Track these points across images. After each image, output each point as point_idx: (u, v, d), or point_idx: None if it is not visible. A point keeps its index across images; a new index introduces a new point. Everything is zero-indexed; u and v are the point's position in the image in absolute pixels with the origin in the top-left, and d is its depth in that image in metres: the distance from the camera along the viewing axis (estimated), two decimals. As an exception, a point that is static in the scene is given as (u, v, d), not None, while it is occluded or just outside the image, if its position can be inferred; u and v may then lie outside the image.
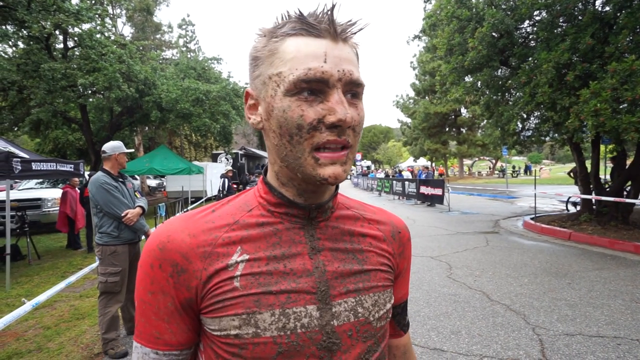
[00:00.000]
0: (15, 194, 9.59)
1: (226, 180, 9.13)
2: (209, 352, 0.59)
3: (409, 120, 41.02)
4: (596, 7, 7.14)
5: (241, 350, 0.55)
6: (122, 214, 3.28)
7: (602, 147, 9.06)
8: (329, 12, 0.55)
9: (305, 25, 0.55)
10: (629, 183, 8.23)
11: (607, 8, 6.87)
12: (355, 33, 0.58)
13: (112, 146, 3.45)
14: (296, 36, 0.55)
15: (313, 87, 0.54)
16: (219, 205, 0.65)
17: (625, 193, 8.36)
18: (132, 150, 5.14)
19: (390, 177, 26.98)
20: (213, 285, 0.57)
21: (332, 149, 0.55)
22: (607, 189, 8.46)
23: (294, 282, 0.58)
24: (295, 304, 0.57)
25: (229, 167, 10.06)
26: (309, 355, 0.56)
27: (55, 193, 10.03)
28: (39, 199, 9.81)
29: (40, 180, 11.24)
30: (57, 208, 8.89)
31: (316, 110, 0.54)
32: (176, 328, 0.58)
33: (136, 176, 12.42)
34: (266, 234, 0.60)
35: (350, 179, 39.48)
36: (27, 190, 10.75)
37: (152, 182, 26.77)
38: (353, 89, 0.56)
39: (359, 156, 48.10)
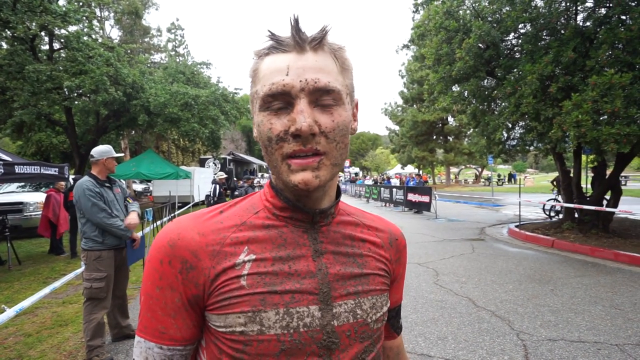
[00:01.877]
0: (-5, 198, 9.34)
1: (217, 186, 9.03)
2: (212, 348, 0.61)
3: (397, 127, 41.44)
4: (578, 22, 7.40)
5: (246, 347, 0.57)
6: (121, 225, 3.27)
7: (583, 157, 9.33)
8: (294, 26, 0.57)
9: (275, 43, 0.59)
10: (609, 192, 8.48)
11: (588, 23, 7.13)
12: (319, 40, 0.58)
13: (100, 151, 3.39)
14: (269, 55, 0.59)
15: (278, 100, 0.57)
16: (227, 207, 0.67)
17: (605, 202, 8.62)
18: (122, 154, 4.94)
19: (378, 184, 27.15)
20: (221, 283, 0.59)
21: (302, 156, 0.57)
22: (588, 198, 8.69)
23: (298, 283, 0.60)
24: (299, 303, 0.59)
25: (223, 174, 9.91)
26: (309, 353, 0.58)
27: (38, 197, 9.79)
28: (21, 203, 9.56)
29: (22, 183, 10.98)
30: (40, 212, 8.68)
31: (283, 122, 0.57)
32: (182, 323, 0.60)
33: (122, 180, 12.20)
34: (272, 236, 0.63)
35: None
36: (8, 194, 10.47)
37: (138, 187, 26.37)
38: (323, 96, 0.57)
39: (347, 162, 48.34)
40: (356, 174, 51.44)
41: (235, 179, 23.11)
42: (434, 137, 38.44)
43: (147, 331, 0.60)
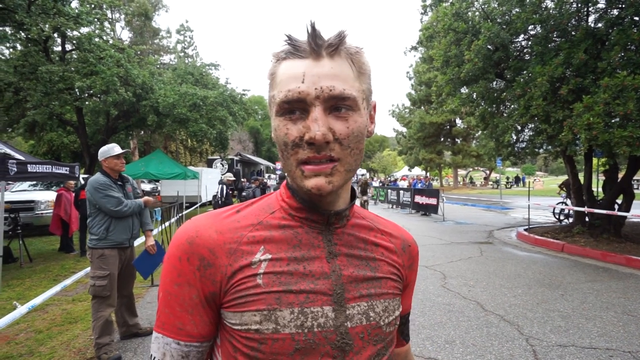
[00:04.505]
0: (8, 196, 9.46)
1: (224, 187, 9.04)
2: (226, 346, 0.61)
3: (404, 129, 41.27)
4: (589, 24, 7.31)
5: (260, 345, 0.57)
6: (129, 205, 3.34)
7: (594, 160, 9.19)
8: (310, 32, 0.57)
9: (292, 48, 0.59)
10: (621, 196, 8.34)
11: (600, 25, 7.04)
12: (335, 46, 0.58)
13: (101, 152, 3.41)
14: (286, 59, 0.60)
15: (294, 106, 0.57)
16: (243, 207, 0.68)
17: (616, 206, 8.48)
18: (127, 150, 4.80)
19: (385, 185, 27.05)
20: (237, 281, 0.59)
21: (316, 162, 0.57)
22: (599, 202, 8.56)
23: (313, 284, 0.61)
24: (313, 304, 0.60)
25: (230, 175, 9.87)
26: (323, 354, 0.59)
27: (49, 195, 9.93)
28: (32, 201, 9.70)
29: (34, 182, 11.15)
30: (51, 210, 8.81)
31: (298, 129, 0.57)
32: (199, 320, 0.61)
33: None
34: (287, 236, 0.64)
35: None
36: (20, 192, 10.64)
37: (147, 187, 26.60)
38: (338, 104, 0.57)
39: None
40: (363, 175, 51.33)
41: (243, 179, 23.17)
42: (442, 139, 38.21)
43: (165, 327, 0.61)
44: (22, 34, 10.57)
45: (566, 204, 10.78)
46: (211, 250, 0.60)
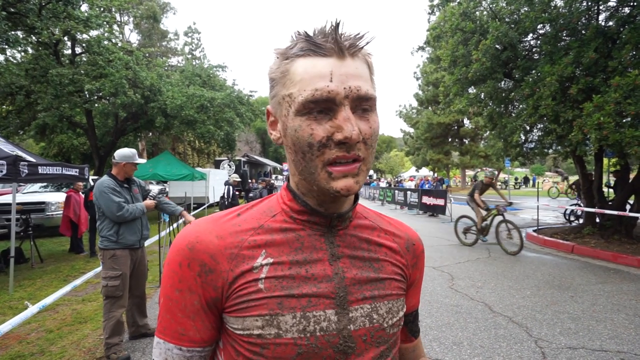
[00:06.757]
0: (19, 197, 9.61)
1: (231, 187, 9.12)
2: (229, 350, 0.61)
3: (411, 130, 41.08)
4: (599, 22, 7.22)
5: (263, 350, 0.57)
6: (132, 208, 3.37)
7: (605, 161, 9.06)
8: (334, 31, 0.56)
9: (312, 46, 0.57)
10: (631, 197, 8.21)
11: (611, 23, 6.95)
12: (361, 48, 0.58)
13: (123, 155, 3.46)
14: (304, 57, 0.57)
15: (321, 106, 0.56)
16: (244, 210, 0.67)
17: (628, 207, 8.35)
18: (144, 161, 4.73)
19: (392, 186, 26.96)
20: (238, 286, 0.59)
21: (344, 163, 0.56)
22: (610, 203, 8.44)
23: (315, 287, 0.60)
24: (316, 307, 0.59)
25: (236, 176, 9.94)
26: (325, 357, 0.58)
27: (59, 197, 10.07)
28: (43, 203, 9.84)
29: (45, 184, 11.31)
30: (61, 212, 8.93)
31: (325, 128, 0.56)
32: (201, 325, 0.60)
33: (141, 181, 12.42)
34: (289, 240, 0.63)
35: None
36: (31, 193, 10.80)
37: (155, 188, 26.84)
38: (363, 104, 0.57)
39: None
40: (370, 176, 51.24)
41: (251, 180, 23.22)
42: (449, 139, 37.93)
43: (166, 332, 0.61)
44: (33, 37, 10.77)
45: (580, 205, 10.64)
46: (212, 256, 0.59)
